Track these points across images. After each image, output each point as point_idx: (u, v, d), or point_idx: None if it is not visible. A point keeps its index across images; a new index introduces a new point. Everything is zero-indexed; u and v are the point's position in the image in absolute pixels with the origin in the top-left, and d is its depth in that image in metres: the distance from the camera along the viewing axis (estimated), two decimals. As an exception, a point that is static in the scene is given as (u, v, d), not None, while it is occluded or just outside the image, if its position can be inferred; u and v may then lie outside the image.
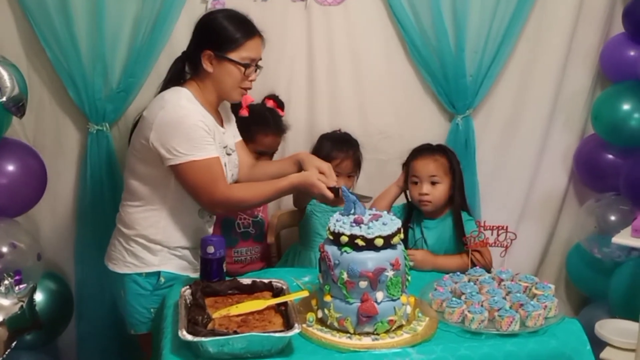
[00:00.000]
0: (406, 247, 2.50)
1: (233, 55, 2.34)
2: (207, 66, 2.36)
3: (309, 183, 2.35)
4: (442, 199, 2.67)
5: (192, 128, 2.27)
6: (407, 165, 2.75)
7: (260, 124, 2.80)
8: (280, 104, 2.98)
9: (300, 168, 2.49)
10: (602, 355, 2.69)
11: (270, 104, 2.94)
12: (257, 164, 2.67)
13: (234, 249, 2.86)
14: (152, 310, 2.43)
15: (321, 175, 2.39)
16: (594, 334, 2.78)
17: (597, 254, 3.23)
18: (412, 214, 2.77)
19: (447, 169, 2.68)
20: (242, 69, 2.35)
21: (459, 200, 2.69)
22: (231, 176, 2.50)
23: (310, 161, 2.48)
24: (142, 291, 2.43)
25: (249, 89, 2.44)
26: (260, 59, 2.43)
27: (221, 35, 2.35)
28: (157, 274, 2.42)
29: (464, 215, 2.67)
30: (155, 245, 2.42)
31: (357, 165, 2.86)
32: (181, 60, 2.47)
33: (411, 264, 2.36)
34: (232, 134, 2.59)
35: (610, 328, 2.78)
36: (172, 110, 2.30)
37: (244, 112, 2.72)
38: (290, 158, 2.62)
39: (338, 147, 2.82)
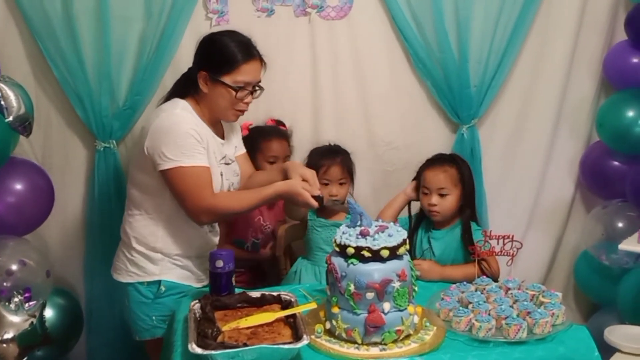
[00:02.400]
0: (413, 258, 2.52)
1: (226, 79, 2.36)
2: (202, 86, 2.40)
3: (293, 192, 2.36)
4: (450, 210, 2.68)
5: (182, 135, 2.32)
6: (419, 175, 2.76)
7: (261, 134, 2.87)
8: (280, 122, 3.05)
9: (286, 176, 2.50)
10: (612, 360, 2.69)
11: (270, 122, 3.03)
12: (252, 174, 2.70)
13: None
14: (154, 317, 2.48)
15: (305, 183, 2.40)
16: (604, 340, 2.77)
17: (605, 260, 3.23)
18: (421, 224, 2.78)
19: (456, 180, 2.68)
20: (234, 92, 2.37)
21: (468, 211, 2.69)
22: (230, 184, 2.54)
23: (295, 169, 2.49)
24: (144, 299, 2.48)
25: (244, 110, 2.46)
26: (259, 82, 2.44)
27: (217, 58, 2.38)
28: (158, 282, 2.47)
29: (473, 225, 2.68)
30: (156, 254, 2.47)
31: (347, 172, 2.84)
32: (185, 77, 2.51)
33: (418, 274, 2.37)
34: (234, 144, 2.62)
35: (620, 334, 2.77)
36: (166, 117, 2.36)
37: (244, 132, 2.82)
38: (277, 167, 2.65)
39: (325, 155, 2.85)
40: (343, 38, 3.10)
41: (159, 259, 2.47)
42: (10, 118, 2.56)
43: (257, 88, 2.44)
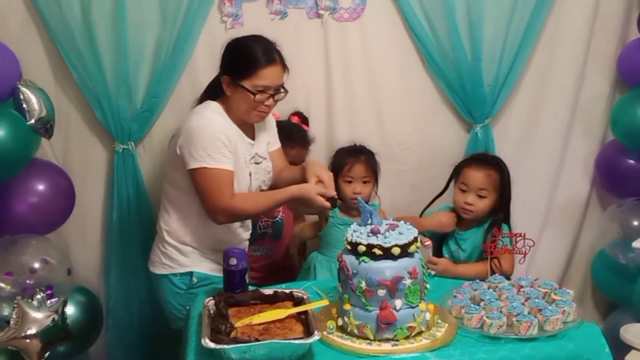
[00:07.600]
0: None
1: (246, 83, 2.44)
2: (226, 90, 2.50)
3: (306, 197, 2.43)
4: (484, 212, 2.71)
5: (210, 137, 2.41)
6: (457, 169, 2.77)
7: (287, 138, 2.89)
8: (304, 119, 3.09)
9: (304, 174, 2.55)
10: (627, 358, 2.68)
11: (295, 119, 3.06)
12: (282, 169, 2.75)
13: (251, 246, 2.92)
14: (187, 307, 2.54)
15: (319, 186, 2.45)
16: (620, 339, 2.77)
17: (622, 259, 3.22)
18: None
19: (496, 185, 2.71)
20: (252, 96, 2.45)
21: (501, 214, 2.73)
22: (261, 183, 2.63)
23: (312, 169, 2.53)
24: (178, 290, 2.60)
25: (267, 112, 2.54)
26: (281, 85, 2.50)
27: (237, 63, 2.47)
28: (190, 274, 2.58)
29: (505, 227, 2.70)
30: (187, 247, 2.58)
31: (371, 171, 2.86)
32: (215, 80, 2.59)
33: (432, 273, 2.39)
34: (266, 141, 2.69)
35: (635, 332, 2.76)
36: (197, 119, 2.46)
37: None
38: (300, 165, 2.69)
39: (349, 154, 2.88)
40: (356, 39, 3.12)
41: (190, 251, 2.58)
42: (32, 121, 2.63)
43: (280, 91, 2.51)
